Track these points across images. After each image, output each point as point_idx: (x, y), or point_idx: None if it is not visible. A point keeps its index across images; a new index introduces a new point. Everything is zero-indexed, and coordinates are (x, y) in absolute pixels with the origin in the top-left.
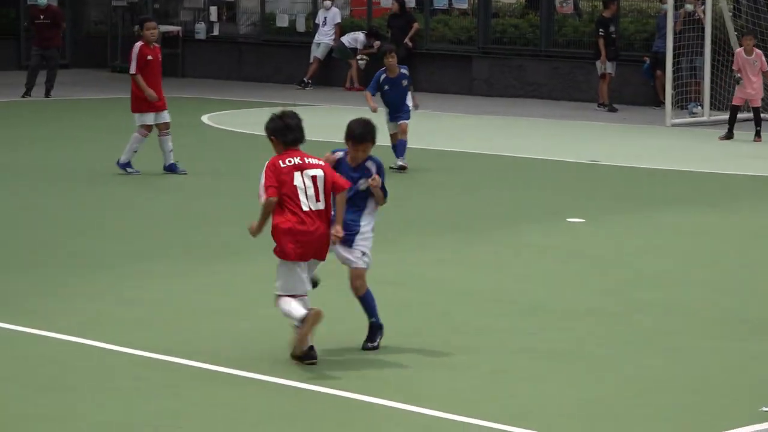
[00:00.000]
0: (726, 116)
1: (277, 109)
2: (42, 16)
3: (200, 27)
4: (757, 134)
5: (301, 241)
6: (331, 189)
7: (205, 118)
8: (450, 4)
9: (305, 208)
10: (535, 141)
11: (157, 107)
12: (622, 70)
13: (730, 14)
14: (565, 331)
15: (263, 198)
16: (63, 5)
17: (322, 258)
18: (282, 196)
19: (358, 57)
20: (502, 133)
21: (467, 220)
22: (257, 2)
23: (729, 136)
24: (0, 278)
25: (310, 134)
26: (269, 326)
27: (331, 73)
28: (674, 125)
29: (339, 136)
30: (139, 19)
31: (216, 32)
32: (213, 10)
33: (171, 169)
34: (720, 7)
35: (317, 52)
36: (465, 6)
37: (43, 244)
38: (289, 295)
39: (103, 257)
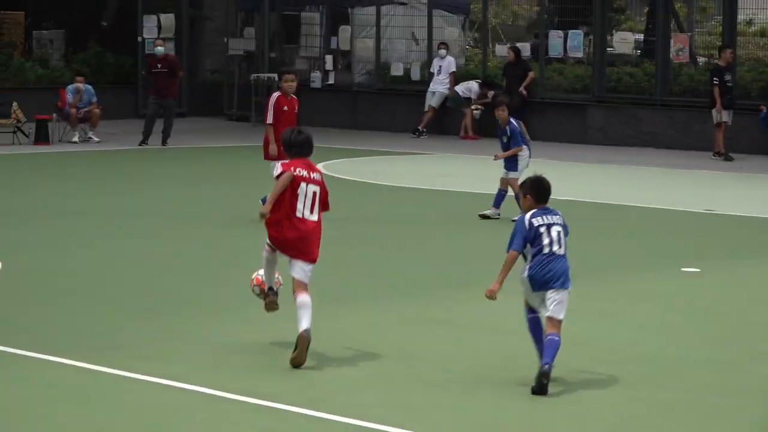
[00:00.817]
0: None
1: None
2: (159, 65)
3: (316, 76)
4: None
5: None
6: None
7: (320, 167)
8: (565, 52)
9: (299, 215)
10: (650, 190)
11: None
12: (738, 119)
13: None
14: (679, 381)
15: (280, 173)
16: (180, 54)
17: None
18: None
19: (473, 107)
20: (616, 182)
21: (582, 268)
22: (372, 51)
23: None
24: (118, 322)
25: (424, 182)
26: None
27: (446, 122)
28: None
29: (454, 185)
30: (278, 71)
31: (331, 81)
32: (329, 59)
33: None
34: None
35: (432, 101)
36: (580, 55)
37: (162, 287)
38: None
39: (217, 301)
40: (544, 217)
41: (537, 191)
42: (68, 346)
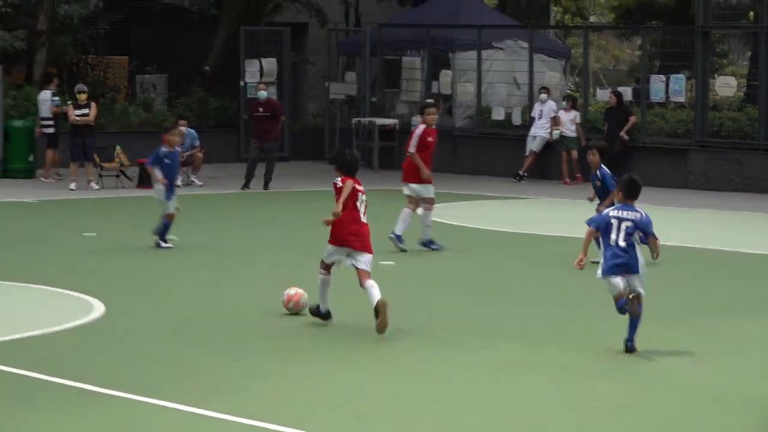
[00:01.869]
0: None
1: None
2: (261, 109)
3: (416, 120)
4: None
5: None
6: None
7: (420, 211)
8: (667, 97)
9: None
10: (753, 236)
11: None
12: None
13: None
14: None
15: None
16: (282, 98)
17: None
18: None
19: (553, 129)
20: (719, 227)
21: (688, 312)
22: (473, 95)
23: None
24: (224, 364)
25: (525, 227)
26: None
27: (547, 166)
28: None
29: (555, 229)
30: (423, 104)
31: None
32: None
33: (427, 244)
34: None
35: (533, 145)
36: (682, 99)
37: (269, 328)
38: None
39: (322, 341)
40: (621, 211)
41: (626, 188)
42: (172, 388)
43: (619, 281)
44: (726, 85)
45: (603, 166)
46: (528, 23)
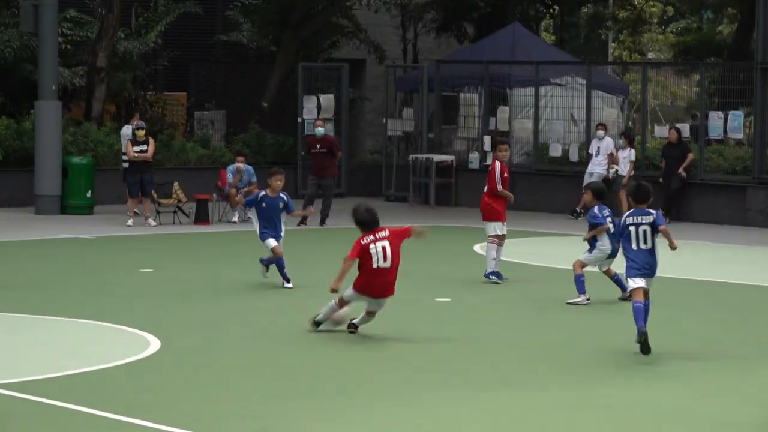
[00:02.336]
0: None
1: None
2: (319, 146)
3: (473, 156)
4: None
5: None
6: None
7: (477, 247)
8: (725, 134)
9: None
10: None
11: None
12: None
13: None
14: None
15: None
16: (339, 135)
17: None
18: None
19: (611, 168)
20: None
21: (735, 350)
22: (531, 132)
23: None
24: (272, 404)
25: None
26: None
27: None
28: None
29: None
30: (493, 141)
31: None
32: (486, 139)
33: (490, 276)
34: None
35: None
36: (740, 136)
37: (319, 368)
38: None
39: (385, 384)
40: (636, 216)
41: (635, 193)
42: (227, 428)
43: (641, 282)
44: None
45: (595, 209)
46: (586, 59)
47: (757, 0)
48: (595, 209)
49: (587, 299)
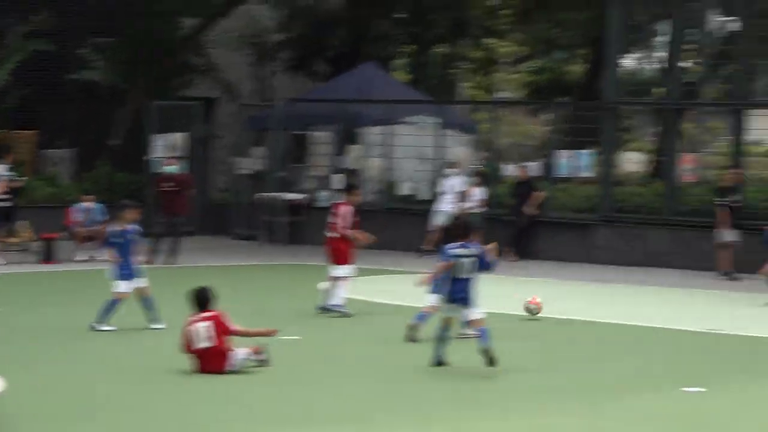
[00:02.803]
0: None
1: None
2: (169, 183)
3: (323, 195)
4: None
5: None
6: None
7: (322, 285)
8: (574, 172)
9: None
10: (656, 309)
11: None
12: (747, 240)
13: None
14: None
15: None
16: (190, 172)
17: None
18: None
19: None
20: (620, 301)
21: (584, 388)
22: (381, 171)
23: None
24: None
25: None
26: None
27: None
28: None
29: None
30: (349, 184)
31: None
32: (336, 178)
33: (326, 308)
34: None
35: (439, 220)
36: (589, 174)
37: (175, 412)
38: None
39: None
40: (462, 249)
41: (459, 228)
42: None
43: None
44: (632, 161)
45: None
46: (437, 98)
47: (607, 41)
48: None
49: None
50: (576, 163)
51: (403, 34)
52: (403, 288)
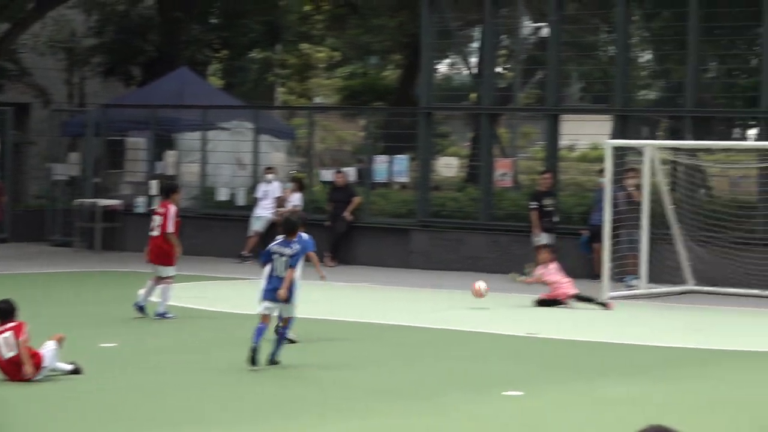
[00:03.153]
0: (662, 289)
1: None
2: None
3: (140, 201)
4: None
5: None
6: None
7: (142, 291)
8: (390, 177)
9: None
10: (473, 314)
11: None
12: (560, 243)
13: (668, 188)
14: None
15: None
16: (3, 179)
17: None
18: None
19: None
20: (440, 306)
21: (403, 391)
22: (198, 176)
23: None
24: None
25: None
26: None
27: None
28: (612, 298)
29: None
30: (170, 185)
31: (156, 206)
32: (153, 184)
33: (162, 315)
34: (657, 181)
35: (257, 226)
36: (405, 180)
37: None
38: None
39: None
40: (281, 247)
41: (283, 225)
42: None
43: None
44: (448, 166)
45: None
46: (253, 104)
47: (421, 46)
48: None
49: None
50: (393, 168)
51: (216, 39)
52: (221, 293)
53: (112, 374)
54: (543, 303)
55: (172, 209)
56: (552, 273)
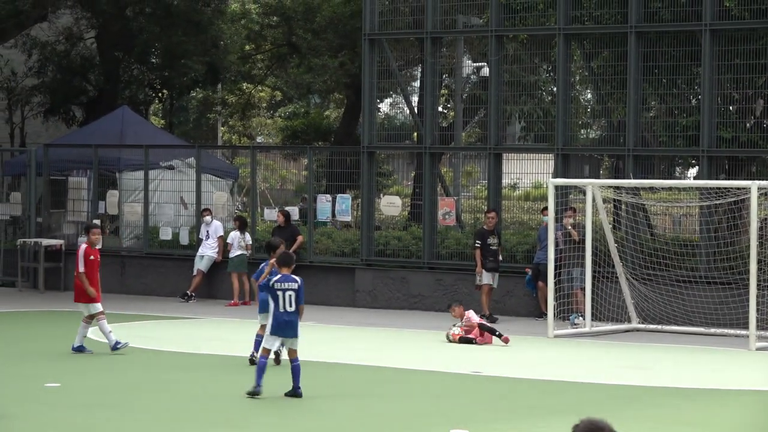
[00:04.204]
0: (607, 327)
1: None
2: None
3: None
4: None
5: None
6: None
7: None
8: (333, 216)
9: None
10: (418, 352)
11: (95, 299)
12: (504, 282)
13: (610, 226)
14: None
15: None
16: None
17: None
18: None
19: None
20: (385, 345)
21: (350, 430)
22: (141, 215)
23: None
24: None
25: (192, 347)
26: None
27: (215, 286)
28: (557, 336)
29: (222, 349)
30: (85, 226)
31: (99, 246)
32: (96, 223)
33: (115, 347)
34: (600, 219)
35: (201, 265)
36: (348, 218)
37: None
38: None
39: None
40: (283, 282)
41: (284, 260)
42: None
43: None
44: (391, 205)
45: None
46: (195, 143)
47: (362, 86)
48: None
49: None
50: (335, 207)
51: (157, 78)
52: (165, 334)
53: (55, 413)
54: (462, 340)
55: (81, 249)
56: (471, 317)
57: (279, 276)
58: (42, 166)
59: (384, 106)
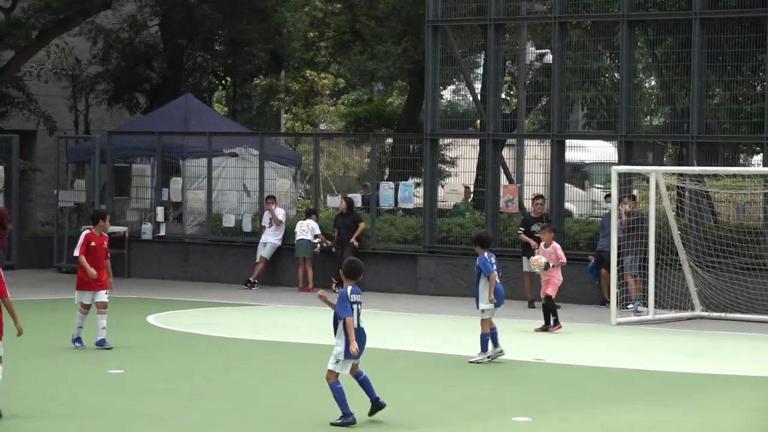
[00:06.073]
0: (670, 314)
1: None
2: None
3: (146, 227)
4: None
5: None
6: None
7: (151, 319)
8: (396, 203)
9: None
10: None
11: (96, 287)
12: (566, 269)
13: (673, 213)
14: None
15: None
16: (9, 207)
17: None
18: None
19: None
20: (446, 332)
21: (410, 418)
22: (204, 203)
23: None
24: None
25: (256, 333)
26: None
27: (278, 273)
28: (619, 324)
29: (286, 336)
30: (93, 215)
31: (162, 233)
32: (159, 210)
33: (100, 344)
34: (663, 206)
35: (263, 252)
36: (411, 206)
37: None
38: None
39: None
40: (356, 295)
41: (347, 270)
42: None
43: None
44: (453, 192)
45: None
46: (258, 130)
47: (426, 73)
48: (485, 255)
49: (488, 357)
50: (398, 194)
51: (220, 66)
52: (229, 321)
53: (119, 400)
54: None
55: (82, 235)
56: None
57: (352, 288)
58: (106, 154)
59: (447, 93)
